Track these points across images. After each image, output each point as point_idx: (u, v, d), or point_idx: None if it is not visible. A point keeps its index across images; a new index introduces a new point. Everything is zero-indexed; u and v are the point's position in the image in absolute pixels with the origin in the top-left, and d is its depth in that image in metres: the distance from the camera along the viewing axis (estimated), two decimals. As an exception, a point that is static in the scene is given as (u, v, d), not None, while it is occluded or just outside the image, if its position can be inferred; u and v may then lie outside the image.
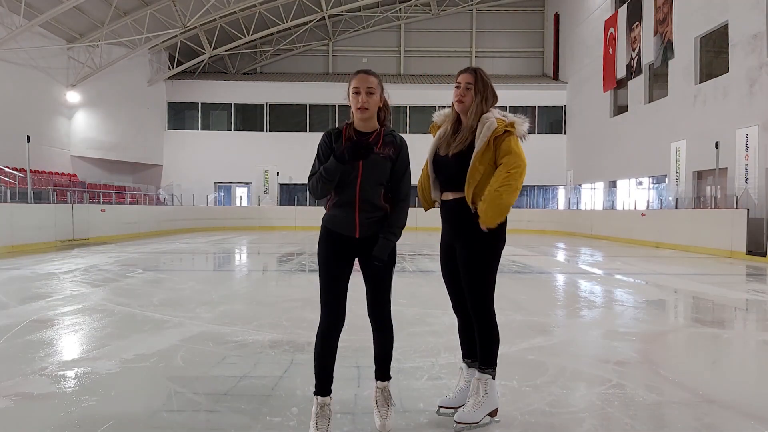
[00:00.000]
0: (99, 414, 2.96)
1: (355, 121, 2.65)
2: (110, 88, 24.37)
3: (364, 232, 2.63)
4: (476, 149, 2.75)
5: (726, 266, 10.92)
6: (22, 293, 6.91)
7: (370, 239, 2.65)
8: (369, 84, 2.58)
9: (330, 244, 2.66)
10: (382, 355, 2.78)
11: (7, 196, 14.65)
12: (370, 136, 2.64)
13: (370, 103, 2.58)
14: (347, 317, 2.69)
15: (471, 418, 2.80)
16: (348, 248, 2.66)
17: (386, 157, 2.63)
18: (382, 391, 2.77)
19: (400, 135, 2.74)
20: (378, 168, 2.62)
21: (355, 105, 2.58)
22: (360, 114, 2.59)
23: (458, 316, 3.05)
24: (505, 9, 31.33)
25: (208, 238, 18.50)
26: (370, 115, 2.62)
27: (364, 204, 2.61)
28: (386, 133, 2.67)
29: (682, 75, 17.60)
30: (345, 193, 2.61)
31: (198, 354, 4.14)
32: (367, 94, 2.57)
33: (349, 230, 2.63)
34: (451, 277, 2.98)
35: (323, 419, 2.63)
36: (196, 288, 7.60)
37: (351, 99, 2.61)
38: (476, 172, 2.74)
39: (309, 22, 28.87)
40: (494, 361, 2.87)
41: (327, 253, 2.66)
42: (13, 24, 18.34)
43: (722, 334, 5.26)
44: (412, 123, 27.96)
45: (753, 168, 13.81)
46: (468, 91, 2.83)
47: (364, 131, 2.65)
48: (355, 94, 2.58)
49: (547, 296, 7.45)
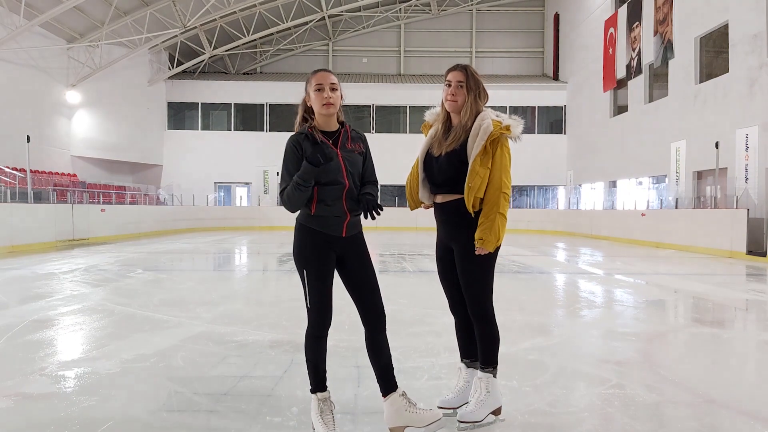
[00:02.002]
0: (99, 414, 2.96)
1: (319, 121, 2.65)
2: (110, 88, 24.38)
3: (350, 230, 2.68)
4: (474, 153, 2.72)
5: (726, 266, 10.91)
6: (22, 293, 6.91)
7: (352, 238, 2.70)
8: (332, 80, 2.61)
9: (315, 243, 2.65)
10: (386, 366, 2.69)
11: (7, 196, 14.66)
12: (337, 134, 2.67)
13: (334, 98, 2.61)
14: (348, 317, 2.69)
15: (474, 417, 2.80)
16: (332, 248, 2.67)
17: (359, 152, 2.70)
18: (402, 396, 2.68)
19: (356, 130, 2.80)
20: (356, 165, 2.68)
21: (320, 102, 2.59)
22: (326, 110, 2.60)
23: (455, 316, 3.04)
24: (505, 9, 31.33)
25: (208, 238, 18.50)
26: (335, 111, 2.63)
27: (350, 203, 2.65)
28: (351, 130, 2.73)
29: (682, 75, 17.60)
30: (332, 194, 2.61)
31: (198, 354, 4.14)
32: (331, 90, 2.60)
33: (337, 230, 2.64)
34: (448, 277, 2.97)
35: (328, 413, 2.65)
36: (196, 288, 7.60)
37: (314, 96, 2.60)
38: (476, 176, 2.72)
39: (309, 22, 28.88)
40: (495, 360, 2.87)
41: (314, 253, 2.64)
42: (13, 24, 18.34)
43: (722, 334, 5.26)
44: (411, 123, 28.00)
45: (753, 168, 13.81)
46: (460, 89, 2.80)
47: (328, 131, 2.67)
48: (319, 91, 2.59)
49: (547, 296, 7.45)
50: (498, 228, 2.73)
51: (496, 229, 2.72)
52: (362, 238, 2.77)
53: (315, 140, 2.61)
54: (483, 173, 2.72)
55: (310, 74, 2.66)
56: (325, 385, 2.71)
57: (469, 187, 2.72)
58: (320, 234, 2.65)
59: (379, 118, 28.62)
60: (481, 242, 2.72)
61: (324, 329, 2.67)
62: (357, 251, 2.72)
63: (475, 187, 2.72)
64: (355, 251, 2.71)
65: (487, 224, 2.72)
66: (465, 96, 2.80)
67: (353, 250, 2.71)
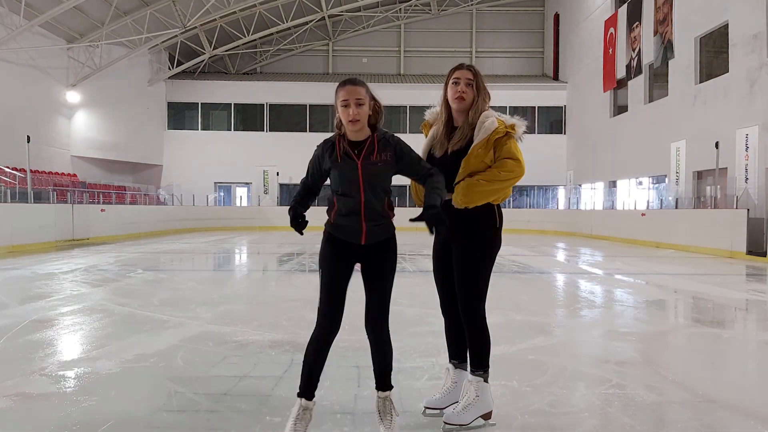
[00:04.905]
0: (99, 414, 2.95)
1: (348, 132, 2.61)
2: (110, 88, 24.36)
3: (370, 239, 2.61)
4: (474, 143, 2.73)
5: (726, 266, 10.91)
6: (22, 293, 6.90)
7: (374, 246, 2.63)
8: (358, 95, 2.53)
9: (333, 249, 2.63)
10: (382, 368, 2.70)
11: (7, 196, 14.65)
12: (363, 145, 2.60)
13: (361, 114, 2.54)
14: (347, 316, 2.67)
15: (460, 420, 2.75)
16: (351, 252, 2.64)
17: (385, 162, 2.60)
18: (384, 400, 2.69)
19: (390, 133, 2.70)
20: (378, 177, 2.59)
21: (346, 118, 2.54)
22: (352, 126, 2.56)
23: (446, 316, 3.01)
24: (505, 9, 31.33)
25: (208, 238, 18.49)
26: (361, 126, 2.58)
27: (369, 213, 2.59)
28: (379, 139, 2.63)
29: (682, 75, 17.60)
30: (349, 204, 2.58)
31: (198, 354, 4.14)
32: (357, 105, 2.53)
33: (356, 238, 2.61)
34: (444, 277, 2.96)
35: (302, 422, 2.57)
36: (196, 288, 7.60)
37: (340, 111, 2.56)
38: (471, 156, 2.72)
39: (309, 22, 28.87)
40: (486, 363, 2.82)
41: (330, 259, 2.63)
42: (13, 24, 18.33)
43: (722, 334, 5.26)
44: (411, 123, 27.98)
45: (753, 168, 13.81)
46: (470, 87, 2.78)
47: (357, 140, 2.62)
48: (344, 107, 2.54)
49: (547, 296, 7.45)
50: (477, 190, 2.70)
51: (472, 189, 2.70)
52: (389, 244, 2.68)
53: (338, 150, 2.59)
54: (476, 163, 2.72)
55: (338, 85, 2.59)
56: (313, 395, 2.62)
57: (462, 168, 2.72)
58: (339, 241, 2.63)
59: (379, 118, 28.62)
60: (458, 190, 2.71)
61: (328, 334, 2.61)
62: (380, 259, 2.65)
63: (468, 170, 2.71)
64: (378, 259, 2.64)
65: (472, 182, 2.70)
66: (474, 95, 2.79)
67: (376, 258, 2.64)
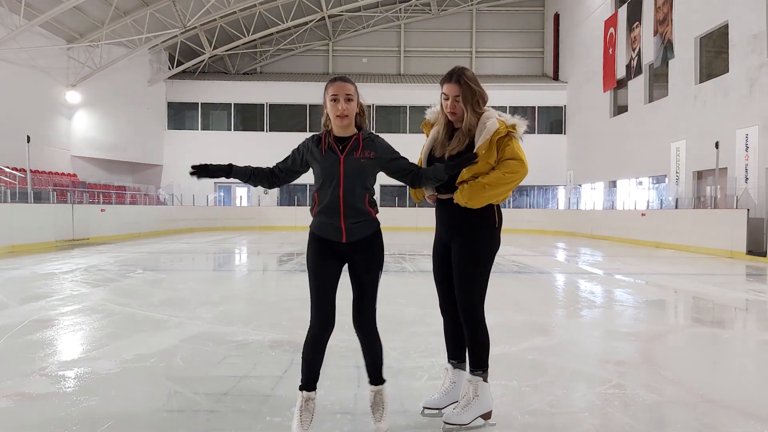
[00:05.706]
0: (99, 414, 2.95)
1: (334, 127, 2.67)
2: (110, 88, 24.35)
3: (351, 236, 2.66)
4: (477, 146, 2.75)
5: (726, 266, 10.91)
6: (22, 293, 6.91)
7: (357, 243, 2.68)
8: (347, 91, 2.61)
9: (317, 248, 2.70)
10: (372, 363, 2.76)
11: (7, 196, 14.64)
12: (348, 141, 2.67)
13: (350, 110, 2.62)
14: (347, 316, 2.68)
15: (459, 420, 2.76)
16: (336, 252, 2.69)
17: (368, 158, 2.66)
18: (375, 394, 2.76)
19: (375, 134, 2.76)
20: (360, 173, 2.64)
21: (334, 113, 2.61)
22: (339, 122, 2.62)
23: (445, 316, 3.03)
24: (505, 9, 31.33)
25: (208, 238, 18.50)
26: (349, 122, 2.65)
27: (348, 209, 2.63)
28: (364, 137, 2.69)
29: (682, 75, 17.60)
30: (328, 199, 2.63)
31: (198, 354, 4.14)
32: (347, 101, 2.60)
33: (336, 236, 2.66)
34: (443, 276, 2.97)
35: (307, 413, 2.67)
36: (196, 288, 7.60)
37: (329, 106, 2.63)
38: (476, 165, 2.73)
39: (309, 22, 28.87)
40: (485, 363, 2.83)
41: (315, 258, 2.69)
42: (13, 24, 18.33)
43: (722, 334, 5.26)
44: (411, 123, 27.99)
45: (753, 168, 13.81)
46: (457, 103, 2.82)
47: (342, 136, 2.69)
48: (334, 102, 2.61)
49: (547, 296, 7.45)
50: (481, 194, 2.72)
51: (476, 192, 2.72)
52: (374, 242, 2.73)
53: (324, 145, 2.67)
54: (484, 159, 2.73)
55: (328, 81, 2.67)
56: (314, 386, 2.71)
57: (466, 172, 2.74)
58: (322, 240, 2.69)
59: (379, 118, 28.60)
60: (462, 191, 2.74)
61: (323, 331, 2.67)
62: (364, 257, 2.70)
63: (473, 167, 2.72)
64: (363, 257, 2.70)
65: (477, 186, 2.72)
66: (463, 109, 2.82)
67: (360, 256, 2.69)
